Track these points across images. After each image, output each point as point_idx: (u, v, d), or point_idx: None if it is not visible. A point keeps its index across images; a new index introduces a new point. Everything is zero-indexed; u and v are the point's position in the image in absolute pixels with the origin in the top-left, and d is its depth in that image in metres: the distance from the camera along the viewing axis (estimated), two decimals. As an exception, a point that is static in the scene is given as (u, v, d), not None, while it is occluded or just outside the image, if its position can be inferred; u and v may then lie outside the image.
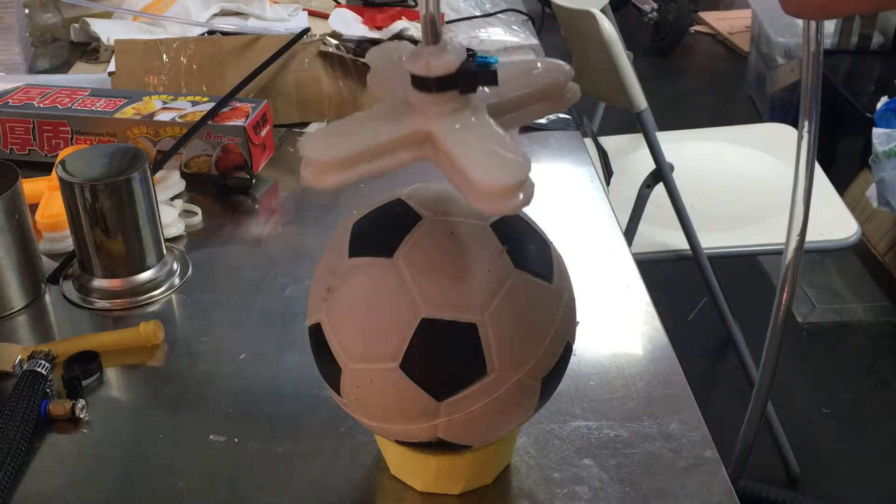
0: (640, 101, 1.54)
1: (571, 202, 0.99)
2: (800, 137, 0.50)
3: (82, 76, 1.32)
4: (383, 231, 0.53)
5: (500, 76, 0.51)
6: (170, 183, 0.99)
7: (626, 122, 1.73)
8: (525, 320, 0.53)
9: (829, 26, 2.82)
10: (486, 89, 0.52)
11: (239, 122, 1.01)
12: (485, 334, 0.51)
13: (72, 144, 1.04)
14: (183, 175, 1.01)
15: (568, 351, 0.56)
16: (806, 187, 0.52)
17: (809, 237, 1.62)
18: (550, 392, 0.57)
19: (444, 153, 0.48)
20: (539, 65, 0.56)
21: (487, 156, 0.46)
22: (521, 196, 0.45)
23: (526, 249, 0.54)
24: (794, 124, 2.03)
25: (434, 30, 0.48)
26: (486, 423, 0.54)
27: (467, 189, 0.46)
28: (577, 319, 0.58)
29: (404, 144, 0.49)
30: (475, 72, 0.49)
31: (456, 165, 0.47)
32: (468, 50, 0.51)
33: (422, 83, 0.49)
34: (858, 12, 0.44)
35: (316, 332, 0.55)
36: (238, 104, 1.04)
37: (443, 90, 0.48)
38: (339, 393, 0.55)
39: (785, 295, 0.59)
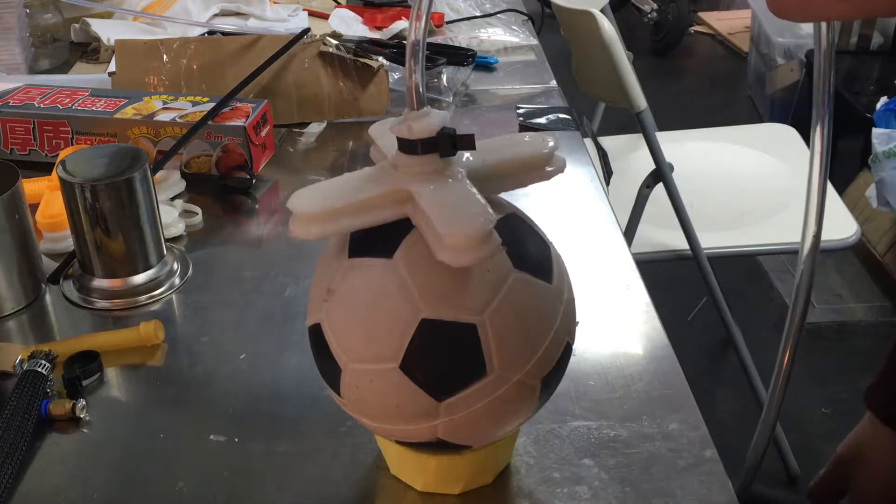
0: (640, 101, 1.54)
1: (571, 202, 0.99)
2: (812, 139, 0.50)
3: (82, 76, 1.32)
4: (383, 232, 0.53)
5: (486, 144, 0.55)
6: (170, 183, 0.99)
7: (626, 122, 1.73)
8: (524, 321, 0.53)
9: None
10: (470, 157, 0.55)
11: (239, 123, 1.01)
12: (484, 335, 0.51)
13: (72, 144, 1.04)
14: (183, 175, 1.01)
15: (568, 351, 0.56)
16: (819, 197, 0.52)
17: (809, 237, 1.62)
18: (550, 392, 0.57)
19: (419, 210, 0.51)
20: (526, 137, 0.58)
21: (453, 211, 0.50)
22: (484, 249, 0.48)
23: (525, 250, 0.54)
24: (794, 124, 2.04)
25: (418, 97, 0.52)
26: (486, 424, 0.54)
27: (434, 241, 0.49)
28: (577, 319, 0.58)
29: (386, 202, 0.53)
30: (454, 136, 0.52)
31: (426, 220, 0.50)
32: (468, 51, 0.52)
33: (405, 146, 0.52)
34: (838, 18, 0.45)
35: (316, 333, 0.55)
36: (238, 104, 1.04)
37: (424, 152, 0.52)
38: (338, 393, 0.55)
39: (798, 314, 0.59)
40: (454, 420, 0.53)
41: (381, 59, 1.20)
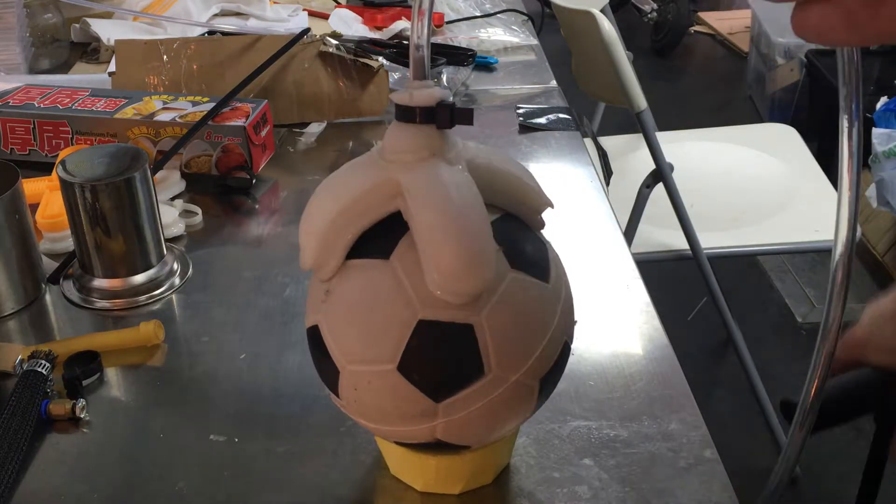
0: (640, 101, 1.54)
1: (571, 202, 0.99)
2: (841, 133, 0.50)
3: (82, 76, 1.32)
4: (380, 232, 0.53)
5: (501, 155, 0.55)
6: (170, 183, 0.99)
7: (626, 122, 1.73)
8: (522, 321, 0.53)
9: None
10: (479, 154, 0.54)
11: (239, 122, 1.01)
12: (481, 335, 0.51)
13: (72, 144, 1.04)
14: (183, 175, 1.01)
15: (566, 351, 0.56)
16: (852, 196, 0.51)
17: (808, 237, 1.62)
18: (549, 392, 0.57)
19: (410, 215, 0.51)
20: (535, 181, 0.58)
21: (451, 252, 0.49)
22: (478, 291, 0.50)
23: (522, 250, 0.54)
24: (794, 124, 2.03)
25: (421, 69, 0.51)
26: (485, 424, 0.54)
27: (425, 267, 0.50)
28: (576, 319, 0.58)
29: (375, 198, 0.52)
30: (453, 107, 0.51)
31: (420, 241, 0.50)
32: (468, 51, 0.52)
33: (403, 113, 0.52)
34: (847, 45, 0.46)
35: (314, 334, 0.55)
36: (238, 104, 1.04)
37: (422, 122, 0.51)
38: (337, 395, 0.55)
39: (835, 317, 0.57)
40: (453, 421, 0.53)
41: (381, 59, 1.20)
